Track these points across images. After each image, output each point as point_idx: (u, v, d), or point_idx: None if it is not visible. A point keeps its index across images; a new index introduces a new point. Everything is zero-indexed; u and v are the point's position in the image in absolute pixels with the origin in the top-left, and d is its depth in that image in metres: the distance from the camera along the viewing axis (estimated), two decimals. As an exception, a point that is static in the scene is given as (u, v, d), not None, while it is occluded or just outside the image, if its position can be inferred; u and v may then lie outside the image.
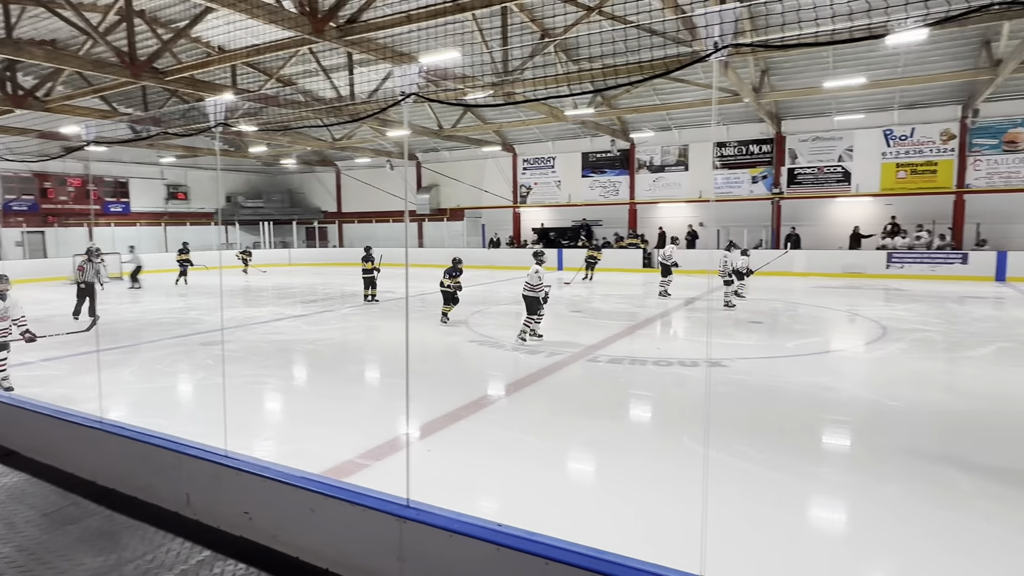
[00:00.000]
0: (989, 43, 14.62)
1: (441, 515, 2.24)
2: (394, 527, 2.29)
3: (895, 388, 6.87)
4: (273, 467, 2.96)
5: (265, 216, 29.83)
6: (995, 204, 18.42)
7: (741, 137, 21.86)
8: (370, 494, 2.55)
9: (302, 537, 2.63)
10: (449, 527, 2.16)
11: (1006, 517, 3.85)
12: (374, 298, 14.27)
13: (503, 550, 1.99)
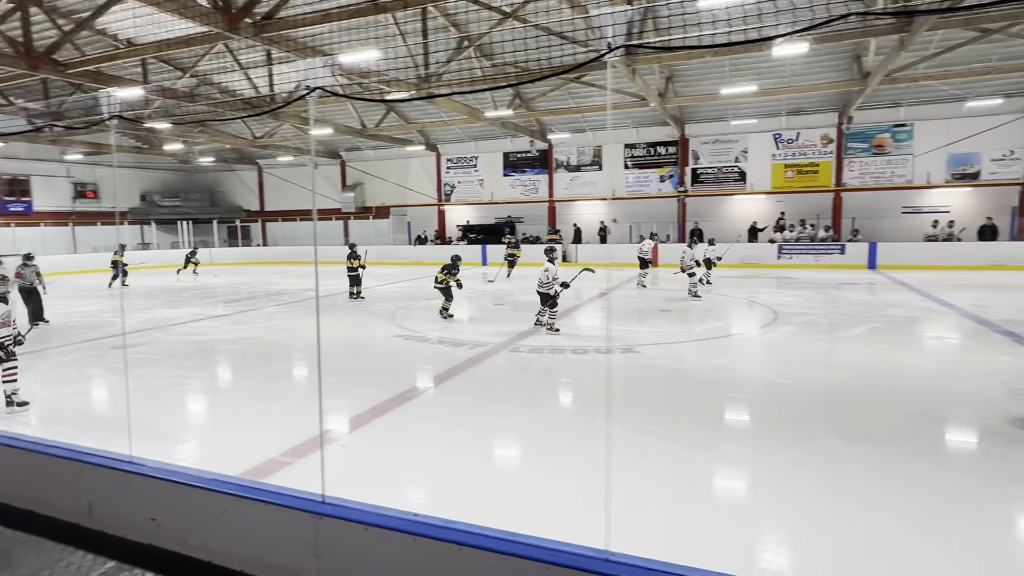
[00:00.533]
0: (860, 57, 15.78)
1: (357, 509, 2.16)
2: (310, 524, 2.19)
3: (785, 367, 7.30)
4: (182, 471, 2.76)
5: (183, 215, 28.06)
6: (867, 201, 20.00)
7: (649, 139, 22.58)
8: (285, 492, 2.42)
9: (214, 540, 2.47)
10: (365, 520, 2.09)
11: (875, 477, 4.16)
12: (359, 295, 13.80)
13: (419, 539, 1.94)
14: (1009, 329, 8.91)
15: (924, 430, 5.11)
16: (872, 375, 6.79)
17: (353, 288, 13.84)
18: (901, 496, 3.88)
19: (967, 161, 18.92)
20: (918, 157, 19.31)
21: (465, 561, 1.84)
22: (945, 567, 3.13)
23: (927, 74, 15.50)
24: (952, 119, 18.68)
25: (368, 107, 21.12)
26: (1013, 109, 18.05)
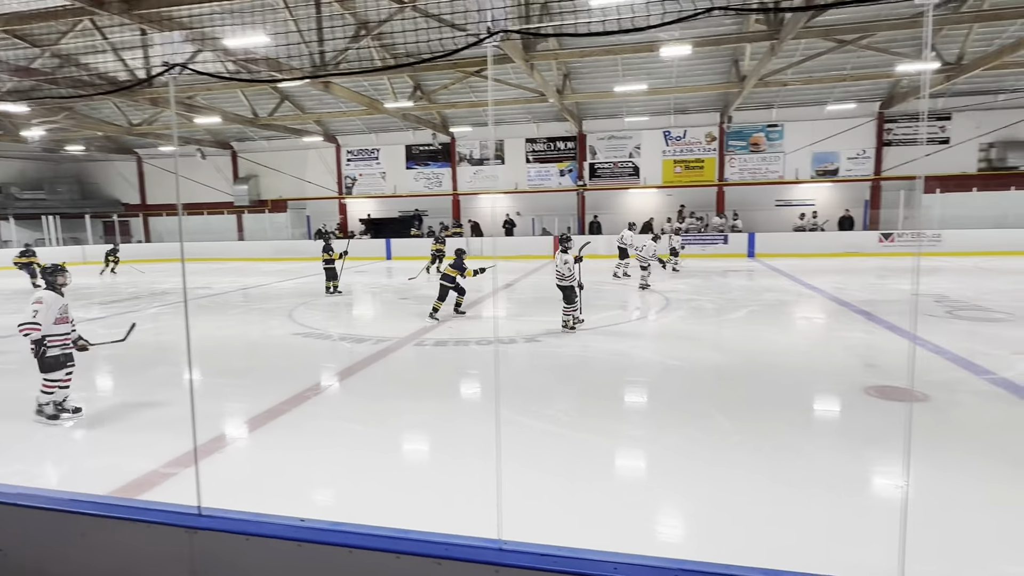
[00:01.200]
0: (737, 62, 16.88)
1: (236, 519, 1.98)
2: (184, 539, 1.98)
3: (677, 350, 7.68)
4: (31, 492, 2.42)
5: (48, 209, 25.12)
6: (746, 194, 21.54)
7: (549, 134, 22.98)
8: (155, 507, 2.19)
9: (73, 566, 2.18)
10: (245, 531, 1.92)
11: (752, 444, 4.46)
12: (336, 290, 12.91)
13: (305, 546, 1.81)
14: (864, 308, 9.89)
15: (795, 401, 5.55)
16: (752, 353, 7.29)
17: (329, 283, 12.98)
18: (777, 462, 4.17)
19: (828, 159, 20.85)
20: (788, 155, 21.03)
21: (356, 564, 1.74)
22: (815, 522, 3.39)
23: (794, 79, 16.86)
24: (816, 121, 20.49)
25: (260, 95, 19.90)
26: (865, 113, 20.08)
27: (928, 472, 3.95)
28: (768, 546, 3.19)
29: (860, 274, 14.55)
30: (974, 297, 10.63)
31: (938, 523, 3.34)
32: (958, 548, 3.10)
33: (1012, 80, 17.88)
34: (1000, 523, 3.33)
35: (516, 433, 4.77)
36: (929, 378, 5.92)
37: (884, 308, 9.83)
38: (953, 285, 12.12)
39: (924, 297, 10.77)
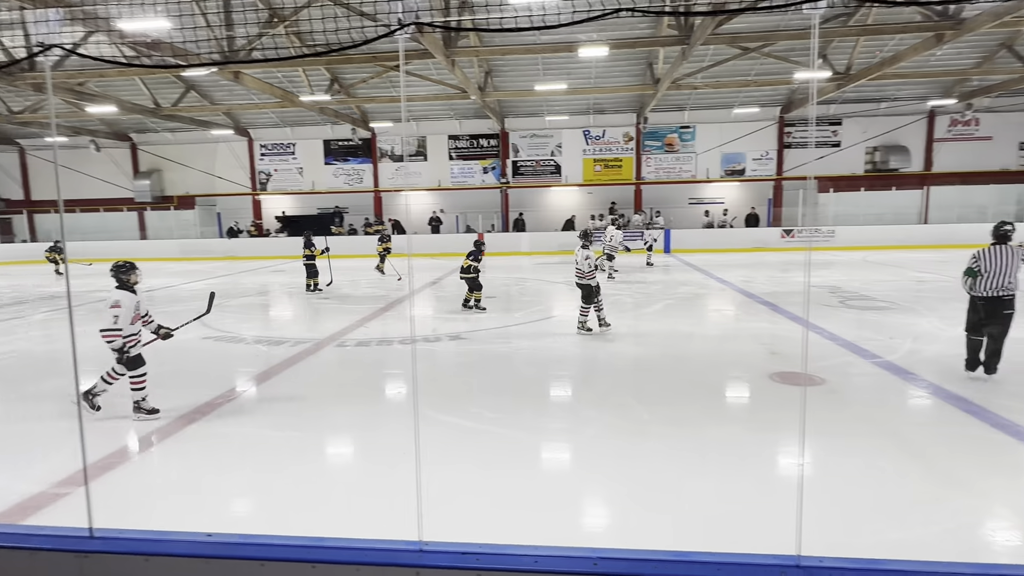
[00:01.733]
0: (652, 65, 17.53)
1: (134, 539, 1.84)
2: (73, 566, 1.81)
3: (598, 343, 7.88)
4: None
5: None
6: (662, 193, 22.43)
7: (472, 132, 22.94)
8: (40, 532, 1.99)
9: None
10: (145, 551, 1.78)
11: (668, 431, 4.66)
12: (316, 287, 12.57)
13: (212, 562, 1.71)
14: (768, 300, 10.56)
15: (708, 388, 5.84)
16: (668, 345, 7.61)
17: (310, 280, 12.62)
18: (690, 447, 4.37)
19: (736, 160, 22.09)
20: (700, 155, 22.09)
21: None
22: (724, 501, 3.58)
23: (704, 83, 17.72)
24: (724, 123, 21.64)
25: (163, 83, 18.61)
26: (767, 117, 21.41)
27: (824, 449, 4.27)
28: (682, 528, 3.34)
29: (765, 268, 15.50)
30: (862, 288, 11.60)
31: (834, 495, 3.62)
32: (849, 517, 3.37)
33: (892, 90, 19.63)
34: (883, 493, 3.65)
35: (439, 432, 4.73)
36: (825, 363, 6.40)
37: (786, 299, 10.53)
38: (845, 277, 13.17)
39: (820, 288, 11.63)
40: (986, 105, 20.25)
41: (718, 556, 1.47)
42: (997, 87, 17.99)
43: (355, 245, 20.58)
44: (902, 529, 3.27)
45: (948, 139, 21.21)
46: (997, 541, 3.22)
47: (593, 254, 8.21)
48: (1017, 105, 20.26)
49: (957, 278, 6.13)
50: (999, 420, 4.67)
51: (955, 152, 21.18)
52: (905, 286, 11.81)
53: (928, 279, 12.73)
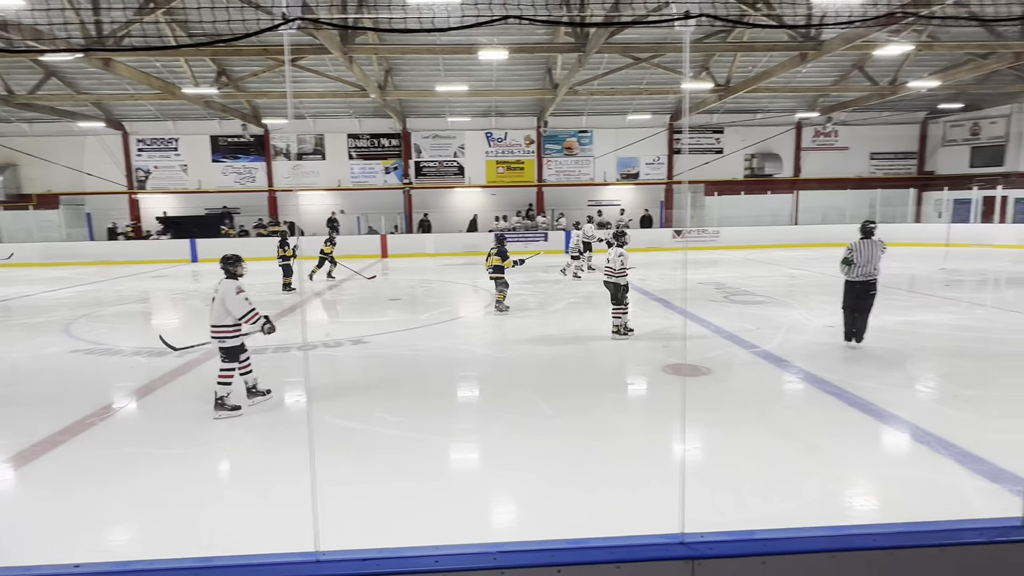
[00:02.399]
0: (551, 70, 17.99)
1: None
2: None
3: (504, 343, 7.98)
4: None
5: None
6: (563, 195, 23.08)
7: (372, 131, 22.43)
8: None
9: None
10: (0, 590, 1.59)
11: (570, 424, 4.82)
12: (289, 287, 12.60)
13: (83, 595, 1.56)
14: (662, 297, 11.18)
15: (607, 382, 6.10)
16: (570, 343, 7.85)
17: (286, 280, 12.73)
18: (590, 438, 4.54)
19: (630, 164, 23.18)
20: (597, 159, 22.96)
21: (150, 604, 1.54)
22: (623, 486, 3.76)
23: (600, 89, 18.45)
24: (620, 129, 22.63)
25: (16, 68, 16.61)
26: (658, 124, 22.66)
27: (710, 433, 4.60)
28: (581, 517, 3.46)
29: (659, 267, 16.38)
30: (743, 284, 12.57)
31: (720, 475, 3.91)
32: (734, 494, 3.66)
33: (766, 102, 21.44)
34: (761, 470, 3.99)
35: (340, 440, 4.60)
36: (711, 354, 6.88)
37: (678, 296, 11.20)
38: (728, 274, 14.21)
39: (706, 285, 12.48)
40: (843, 119, 22.63)
41: (610, 540, 1.55)
42: (851, 103, 20.16)
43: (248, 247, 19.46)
44: (779, 501, 3.59)
45: (813, 148, 23.49)
46: (856, 505, 3.62)
47: (626, 252, 7.88)
48: (868, 119, 22.81)
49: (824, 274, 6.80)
50: (854, 399, 5.25)
51: (819, 160, 23.49)
52: (780, 281, 12.93)
53: (799, 275, 14.03)
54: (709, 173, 23.00)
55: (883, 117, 22.76)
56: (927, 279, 12.50)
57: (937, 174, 23.19)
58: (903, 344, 7.33)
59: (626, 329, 7.94)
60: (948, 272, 13.50)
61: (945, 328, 8.21)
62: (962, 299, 10.55)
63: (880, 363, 6.54)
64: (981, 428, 4.62)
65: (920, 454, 4.24)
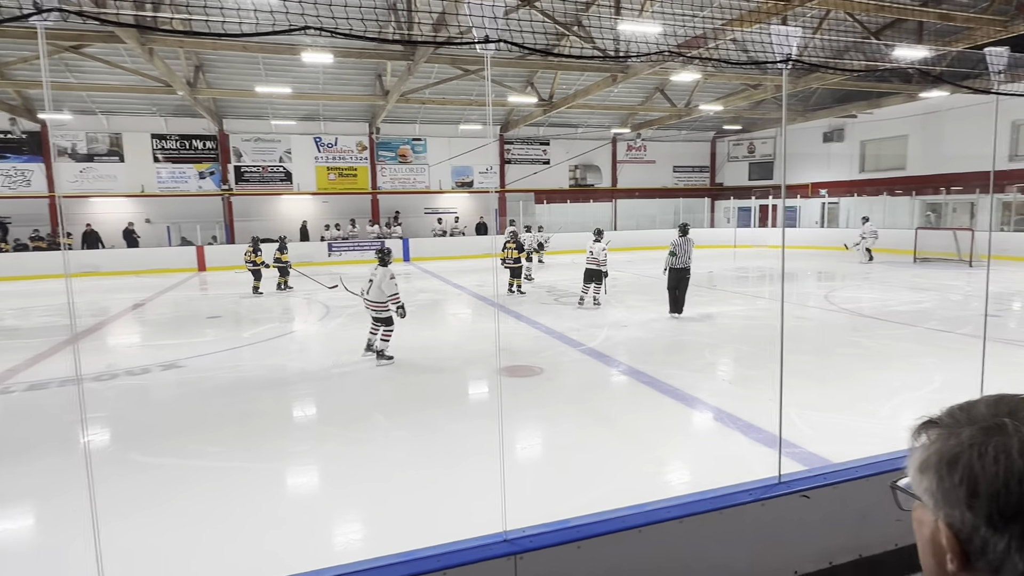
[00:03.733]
0: (381, 76, 17.72)
1: None
2: None
3: (339, 356, 7.67)
4: None
5: None
6: (398, 202, 22.82)
7: (183, 131, 20.26)
8: None
9: None
10: None
11: (409, 435, 4.79)
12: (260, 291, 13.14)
13: None
14: (498, 302, 11.55)
15: (447, 389, 6.16)
16: (410, 351, 7.78)
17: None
18: (429, 448, 4.55)
19: (464, 172, 23.66)
20: (432, 167, 23.08)
21: None
22: (459, 492, 3.82)
23: (432, 98, 18.57)
24: (453, 138, 22.97)
25: None
26: (490, 134, 23.41)
27: (542, 429, 4.86)
28: (418, 528, 3.46)
29: (487, 273, 16.92)
30: (571, 287, 13.47)
31: (550, 468, 4.15)
32: (562, 484, 3.91)
33: (585, 117, 23.23)
34: (587, 459, 4.32)
35: (146, 479, 4.09)
36: (543, 355, 7.28)
37: (513, 300, 11.66)
38: (558, 278, 15.13)
39: (539, 289, 13.17)
40: (650, 135, 25.34)
41: (436, 549, 1.58)
42: (656, 121, 22.64)
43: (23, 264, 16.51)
44: (601, 485, 3.91)
45: (627, 161, 25.95)
46: (666, 481, 4.07)
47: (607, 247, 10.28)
48: (670, 136, 25.80)
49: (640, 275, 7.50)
50: (665, 386, 5.90)
51: (632, 172, 26.02)
52: (602, 283, 14.07)
53: (619, 277, 15.37)
54: (538, 183, 24.30)
55: (681, 135, 25.88)
56: (721, 276, 14.42)
57: (725, 185, 26.92)
58: (703, 335, 8.40)
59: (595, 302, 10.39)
60: (736, 270, 15.73)
61: (734, 319, 9.56)
62: (747, 293, 12.37)
63: (685, 353, 7.42)
64: (759, 402, 5.45)
65: (716, 430, 4.90)
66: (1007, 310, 9.72)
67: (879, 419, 4.90)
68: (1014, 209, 17.84)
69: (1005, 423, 0.59)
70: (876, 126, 21.49)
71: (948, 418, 0.63)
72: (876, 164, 22.18)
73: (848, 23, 13.14)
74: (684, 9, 9.69)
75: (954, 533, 0.59)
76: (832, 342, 7.93)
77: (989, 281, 4.35)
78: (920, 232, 17.47)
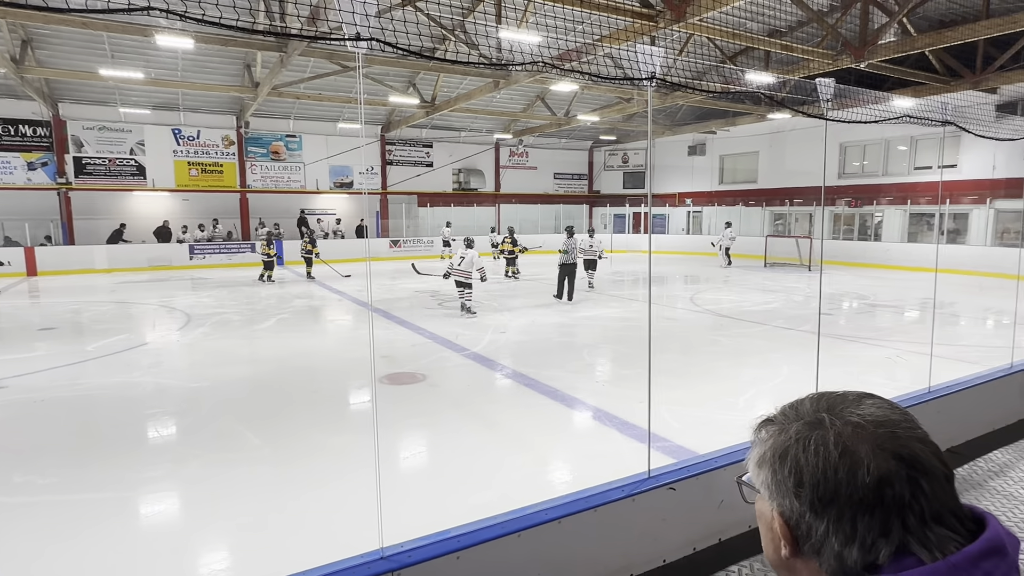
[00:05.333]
0: (250, 67, 16.63)
1: None
2: None
3: (201, 369, 7.07)
4: None
5: None
6: (272, 203, 21.49)
7: (7, 115, 17.66)
8: None
9: None
10: None
11: (281, 452, 4.52)
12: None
13: None
14: (381, 308, 11.27)
15: (324, 400, 5.88)
16: (283, 361, 7.35)
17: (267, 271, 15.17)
18: (303, 464, 4.32)
19: (343, 173, 22.83)
20: (308, 166, 22.02)
21: None
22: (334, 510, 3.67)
23: (308, 93, 17.72)
24: (331, 136, 22.08)
25: None
26: (370, 134, 22.82)
27: (425, 438, 4.79)
28: (292, 549, 3.28)
29: (377, 277, 16.49)
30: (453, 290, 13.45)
31: (432, 478, 4.11)
32: (445, 494, 3.88)
33: (468, 121, 23.38)
34: (471, 465, 4.33)
35: (-38, 521, 3.51)
36: (426, 360, 7.20)
37: (396, 305, 11.43)
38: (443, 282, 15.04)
39: (423, 293, 13.04)
40: (531, 142, 26.06)
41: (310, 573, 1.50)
42: (537, 129, 23.32)
43: None
44: (484, 491, 3.93)
45: (510, 167, 26.48)
46: (548, 482, 4.18)
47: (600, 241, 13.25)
48: (551, 144, 26.71)
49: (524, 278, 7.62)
50: (546, 388, 6.08)
51: (515, 177, 26.58)
52: (489, 287, 14.20)
53: (504, 279, 15.63)
54: (421, 185, 24.06)
55: (561, 143, 26.91)
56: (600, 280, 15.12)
57: (602, 193, 28.35)
58: (582, 337, 8.76)
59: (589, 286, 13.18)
60: (613, 274, 16.60)
61: (612, 320, 10.07)
62: (623, 296, 13.09)
63: (566, 354, 7.69)
64: (633, 400, 5.78)
65: (593, 428, 5.12)
66: (838, 309, 11.14)
67: (736, 410, 5.39)
68: (843, 220, 20.55)
69: (823, 418, 0.66)
70: (732, 142, 23.77)
71: (781, 416, 0.71)
72: (733, 177, 24.51)
73: (708, 48, 14.41)
74: (561, 23, 10.08)
75: (785, 521, 0.65)
76: (697, 341, 8.61)
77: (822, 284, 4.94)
78: (769, 239, 19.57)
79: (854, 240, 19.90)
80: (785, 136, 21.37)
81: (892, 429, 0.64)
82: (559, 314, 10.44)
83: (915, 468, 0.61)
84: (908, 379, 5.80)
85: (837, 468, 0.62)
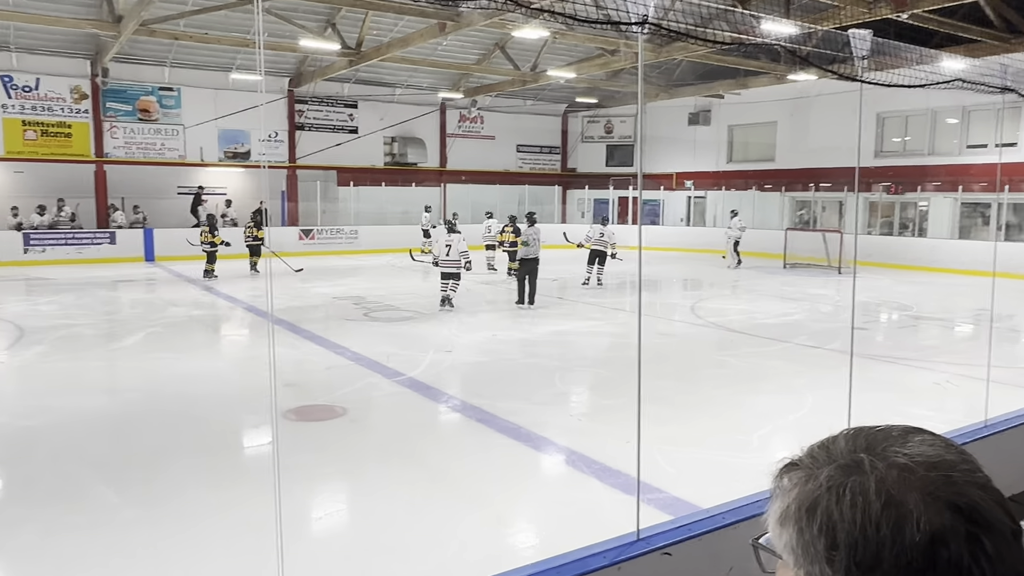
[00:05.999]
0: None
1: None
2: None
3: (39, 400, 6.82)
4: None
5: None
6: (138, 177, 20.83)
7: None
8: None
9: None
10: None
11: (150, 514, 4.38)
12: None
13: None
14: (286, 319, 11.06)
15: (206, 442, 5.74)
16: (153, 389, 7.16)
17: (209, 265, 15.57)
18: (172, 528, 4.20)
19: (238, 139, 22.43)
20: (189, 129, 21.51)
21: None
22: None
23: (189, 33, 17.33)
24: (220, 90, 21.62)
25: None
26: (274, 88, 22.46)
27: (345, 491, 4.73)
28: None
29: (280, 277, 16.19)
30: (387, 296, 13.39)
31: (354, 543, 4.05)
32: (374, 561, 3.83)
33: (406, 76, 23.31)
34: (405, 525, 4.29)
35: None
36: (347, 389, 7.13)
37: (307, 316, 11.26)
38: (370, 285, 14.96)
39: (344, 300, 12.89)
40: (488, 104, 26.14)
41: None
42: (496, 87, 23.44)
43: None
44: (426, 561, 3.90)
45: (459, 135, 26.50)
46: (511, 544, 4.17)
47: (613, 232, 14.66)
48: (513, 107, 26.84)
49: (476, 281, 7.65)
50: (504, 424, 6.07)
51: (466, 149, 26.61)
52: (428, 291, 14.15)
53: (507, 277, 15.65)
54: (343, 158, 23.80)
55: (527, 106, 27.06)
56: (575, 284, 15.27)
57: (579, 171, 28.64)
58: (553, 357, 8.81)
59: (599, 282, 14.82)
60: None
61: (591, 336, 10.17)
62: (605, 304, 13.24)
63: (531, 381, 7.72)
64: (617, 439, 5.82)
65: (568, 476, 5.15)
66: (874, 322, 11.53)
67: (749, 452, 5.50)
68: (880, 210, 21.27)
69: (862, 460, 0.67)
70: (744, 110, 24.33)
71: (808, 458, 0.71)
72: (744, 154, 25.13)
73: (714, -13, 14.74)
74: (529, -52, 10.18)
75: None
76: (698, 362, 8.77)
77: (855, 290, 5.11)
78: (790, 233, 20.09)
79: (893, 235, 20.65)
80: (810, 103, 21.99)
81: (947, 472, 0.65)
82: (524, 327, 10.48)
83: (975, 522, 0.62)
84: (960, 410, 6.03)
85: (880, 524, 0.62)
